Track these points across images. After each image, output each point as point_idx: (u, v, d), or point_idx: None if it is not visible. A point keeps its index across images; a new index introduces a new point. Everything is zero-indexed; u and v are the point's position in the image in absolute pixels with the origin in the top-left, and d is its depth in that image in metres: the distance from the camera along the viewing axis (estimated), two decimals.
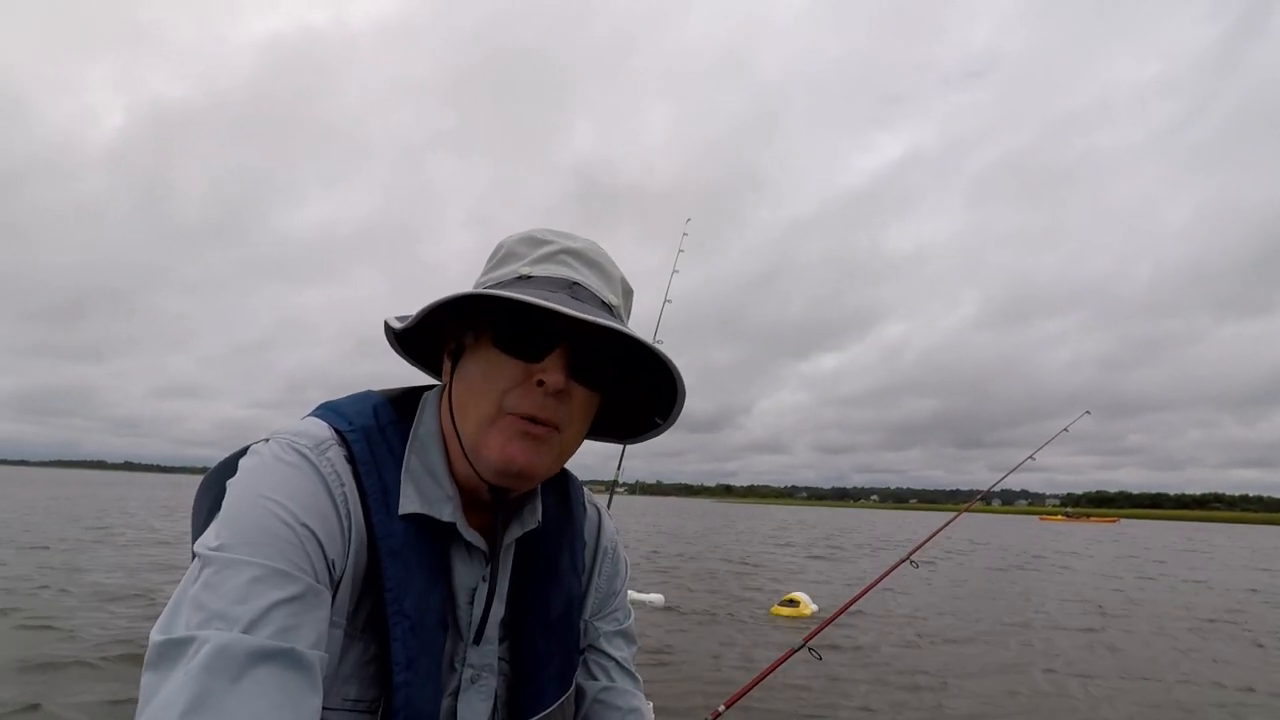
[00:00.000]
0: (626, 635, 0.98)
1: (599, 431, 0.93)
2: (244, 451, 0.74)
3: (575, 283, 0.79)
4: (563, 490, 0.94)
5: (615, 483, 3.98)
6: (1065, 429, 3.82)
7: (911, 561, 3.83)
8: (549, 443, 0.77)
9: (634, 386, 0.86)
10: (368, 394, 0.84)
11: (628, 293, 0.88)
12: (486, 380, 0.76)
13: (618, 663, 0.94)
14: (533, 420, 0.75)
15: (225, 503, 0.67)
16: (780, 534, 30.70)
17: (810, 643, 3.15)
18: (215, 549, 0.63)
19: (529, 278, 0.79)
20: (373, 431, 0.77)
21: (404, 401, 0.84)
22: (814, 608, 8.97)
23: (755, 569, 14.74)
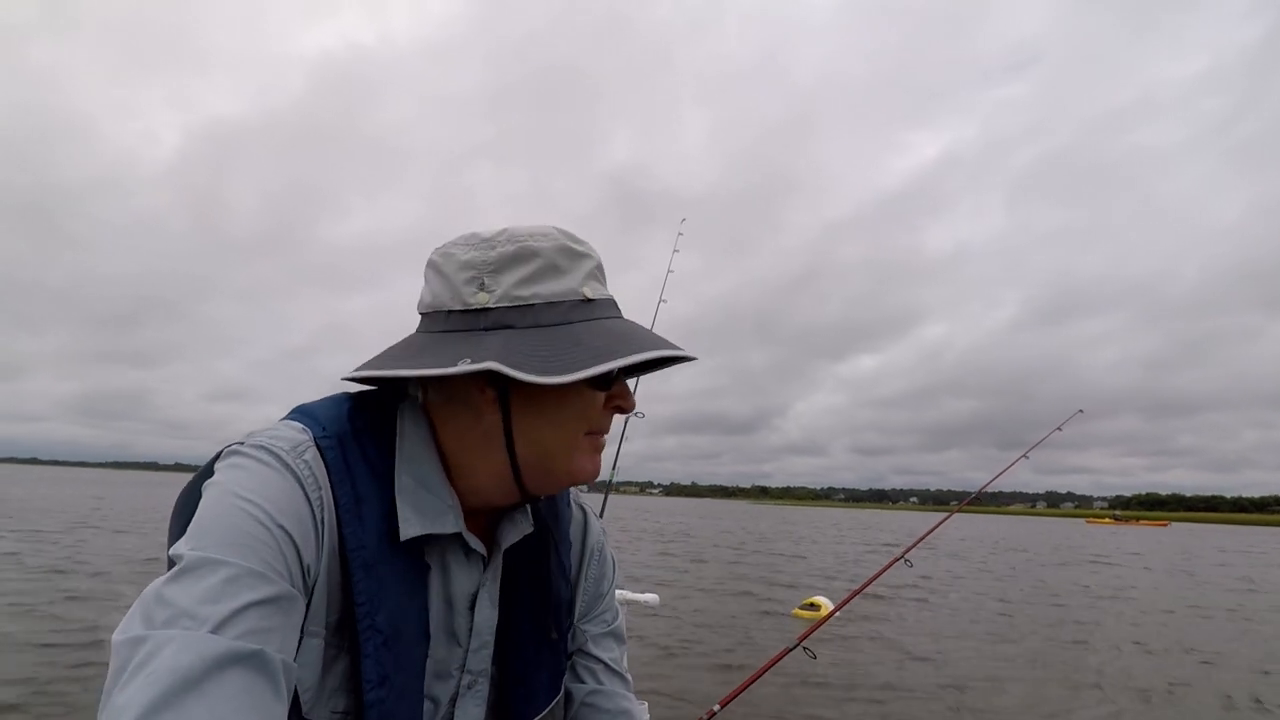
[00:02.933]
0: (615, 635, 0.96)
1: None
2: (219, 456, 0.72)
3: (614, 301, 0.81)
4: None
5: (610, 482, 4.04)
6: (1059, 428, 3.77)
7: (906, 560, 3.83)
8: None
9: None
10: (341, 397, 0.81)
11: None
12: (579, 413, 0.78)
13: (606, 664, 0.92)
14: (599, 433, 0.80)
15: (201, 505, 0.65)
16: (841, 536, 30.30)
17: (805, 642, 3.21)
18: (189, 550, 0.60)
19: (591, 301, 0.78)
20: (347, 438, 0.74)
21: (375, 406, 0.80)
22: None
23: (796, 572, 14.66)
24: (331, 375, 0.81)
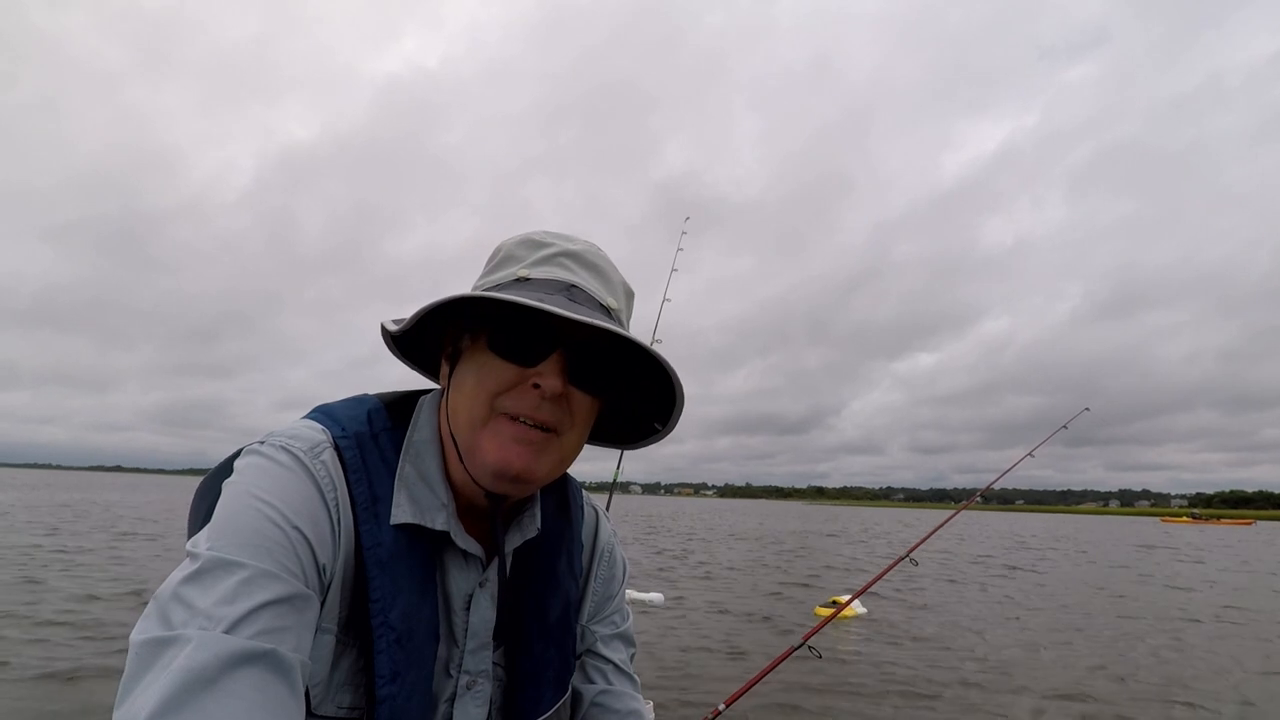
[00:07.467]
0: (624, 637, 0.97)
1: (596, 436, 0.90)
2: (239, 454, 0.73)
3: (573, 285, 0.78)
4: (562, 494, 0.93)
5: (614, 484, 4.12)
6: (1065, 426, 3.71)
7: (911, 559, 3.83)
8: (548, 448, 0.76)
9: (635, 391, 0.84)
10: (363, 398, 0.83)
11: (629, 295, 0.86)
12: (480, 383, 0.74)
13: (615, 665, 0.93)
14: (528, 422, 0.74)
15: (220, 503, 0.67)
16: (888, 535, 29.67)
17: (811, 641, 3.23)
18: (206, 549, 0.62)
19: (526, 280, 0.77)
20: (365, 438, 0.76)
21: (400, 406, 0.83)
22: (862, 610, 8.76)
23: (825, 571, 14.46)
24: (393, 383, 0.86)
